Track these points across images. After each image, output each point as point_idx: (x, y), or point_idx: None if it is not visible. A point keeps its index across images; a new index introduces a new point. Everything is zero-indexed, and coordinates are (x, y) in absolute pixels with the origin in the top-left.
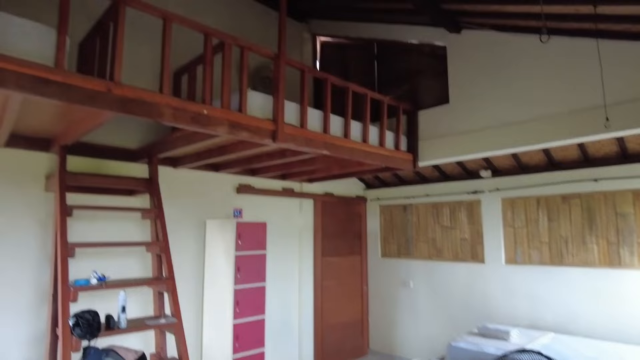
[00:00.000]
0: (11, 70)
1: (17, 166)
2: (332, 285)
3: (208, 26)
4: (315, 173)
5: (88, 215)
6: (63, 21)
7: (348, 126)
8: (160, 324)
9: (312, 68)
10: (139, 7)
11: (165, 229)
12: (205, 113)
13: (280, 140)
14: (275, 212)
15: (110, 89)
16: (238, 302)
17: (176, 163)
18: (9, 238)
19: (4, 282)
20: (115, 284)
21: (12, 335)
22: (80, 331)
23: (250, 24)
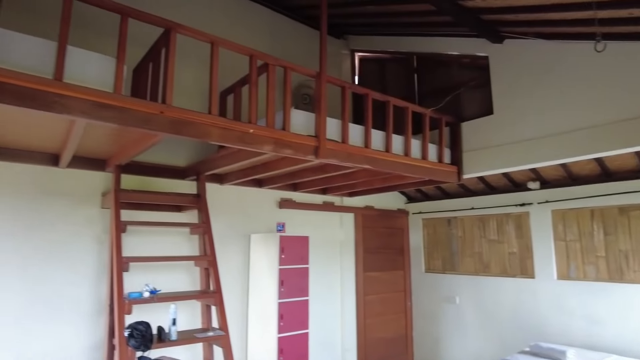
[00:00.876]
0: (75, 98)
1: (77, 185)
2: (374, 300)
3: (253, 49)
4: (356, 187)
5: (139, 231)
6: (121, 51)
7: (389, 140)
8: (209, 336)
9: (352, 84)
10: (189, 33)
11: (212, 244)
12: (251, 132)
13: (322, 156)
14: (316, 226)
15: (163, 112)
16: (282, 315)
17: (222, 180)
18: (70, 252)
19: (66, 294)
20: (166, 297)
21: (74, 343)
22: (135, 342)
23: (290, 41)
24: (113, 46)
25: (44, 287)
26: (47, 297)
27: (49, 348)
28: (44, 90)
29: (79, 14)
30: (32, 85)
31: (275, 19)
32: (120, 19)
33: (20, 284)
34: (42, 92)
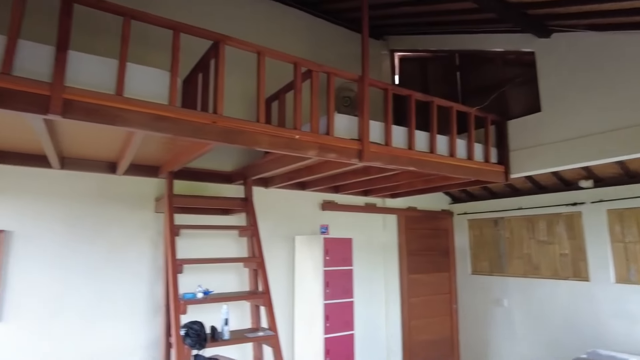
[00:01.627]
0: (135, 111)
1: (133, 191)
2: (419, 302)
3: (297, 56)
4: (398, 188)
5: (190, 233)
6: (175, 64)
7: (434, 141)
8: (259, 336)
9: (395, 86)
10: (237, 44)
11: (260, 246)
12: (297, 138)
13: (366, 159)
14: (358, 227)
15: (215, 121)
16: (328, 316)
17: (267, 183)
18: (127, 255)
19: (124, 294)
20: (218, 298)
21: (132, 340)
22: (191, 341)
23: (330, 45)
24: (160, 58)
25: (105, 287)
26: (108, 296)
27: (110, 344)
28: (107, 106)
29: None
30: (97, 102)
31: (315, 23)
32: (173, 34)
33: (84, 284)
34: (106, 107)
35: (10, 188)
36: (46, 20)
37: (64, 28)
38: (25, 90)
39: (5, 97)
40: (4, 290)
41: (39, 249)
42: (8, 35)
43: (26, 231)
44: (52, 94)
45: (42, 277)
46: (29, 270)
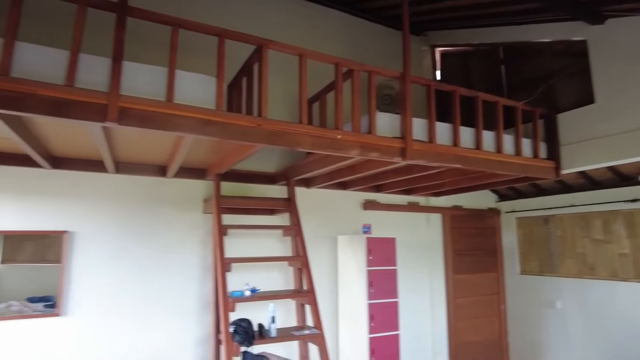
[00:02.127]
0: (184, 116)
1: (182, 193)
2: (465, 303)
3: (338, 57)
4: (442, 187)
5: (235, 233)
6: (220, 70)
7: (480, 137)
8: (305, 334)
9: (438, 82)
10: (279, 48)
11: (304, 245)
12: (339, 138)
13: (409, 158)
14: (401, 227)
15: (260, 124)
16: (372, 316)
17: (309, 183)
18: (178, 255)
19: (175, 292)
20: (265, 296)
21: (182, 337)
22: (240, 338)
23: (369, 43)
24: (200, 64)
25: (157, 285)
26: (160, 294)
27: (161, 340)
28: (159, 112)
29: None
30: (149, 108)
31: (353, 22)
32: (218, 40)
33: (137, 283)
34: (158, 113)
35: (73, 192)
36: (98, 33)
37: (119, 40)
38: (86, 100)
39: (69, 108)
40: (68, 287)
41: (97, 249)
42: (71, 50)
43: (86, 232)
44: (109, 102)
45: (100, 275)
46: (89, 269)
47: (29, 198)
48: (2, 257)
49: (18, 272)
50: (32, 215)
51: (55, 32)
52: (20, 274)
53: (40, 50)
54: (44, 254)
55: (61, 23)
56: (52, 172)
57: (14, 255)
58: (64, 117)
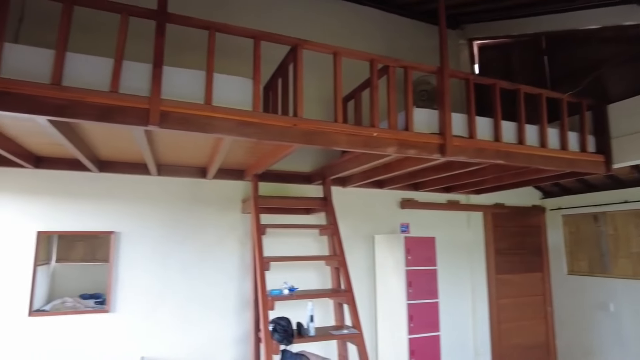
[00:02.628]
0: (222, 118)
1: (221, 194)
2: (509, 304)
3: (372, 54)
4: (484, 184)
5: (274, 233)
6: (256, 72)
7: (522, 131)
8: (344, 334)
9: (477, 76)
10: (314, 47)
11: (341, 244)
12: (375, 135)
13: (449, 154)
14: (441, 226)
15: (296, 124)
16: (412, 317)
17: (344, 182)
18: (218, 254)
19: (216, 291)
20: (303, 295)
21: (224, 334)
22: (279, 336)
23: (403, 39)
24: (234, 66)
25: (198, 283)
26: (201, 293)
27: (204, 337)
28: (198, 115)
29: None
30: (189, 111)
31: (387, 19)
32: (254, 42)
33: (182, 283)
34: (197, 116)
35: (119, 194)
36: (133, 40)
37: (159, 46)
38: (129, 105)
39: (114, 113)
40: (116, 285)
41: (142, 249)
42: (115, 58)
43: (132, 232)
44: (150, 107)
45: (145, 273)
46: (134, 268)
47: (79, 200)
48: (56, 256)
49: (71, 270)
50: (82, 216)
51: (96, 41)
52: (73, 272)
53: (87, 59)
54: (94, 254)
55: (102, 32)
56: (99, 175)
57: (67, 255)
58: (110, 122)
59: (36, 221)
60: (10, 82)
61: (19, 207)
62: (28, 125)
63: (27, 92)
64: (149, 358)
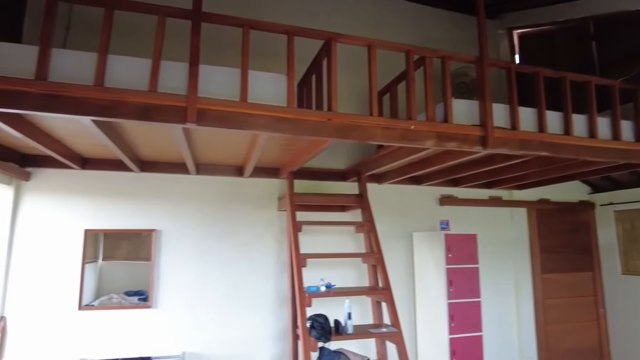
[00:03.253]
0: (258, 115)
1: (258, 192)
2: (556, 305)
3: (408, 45)
4: (527, 178)
5: (310, 231)
6: (290, 68)
7: (569, 121)
8: (382, 332)
9: (519, 65)
10: (348, 40)
11: (378, 241)
12: (413, 128)
13: (491, 146)
14: (482, 223)
15: (330, 119)
16: (453, 316)
17: (380, 179)
18: (255, 252)
19: (253, 288)
20: (340, 292)
21: (262, 331)
22: (316, 333)
23: (438, 31)
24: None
25: (236, 280)
26: (239, 290)
27: (242, 334)
28: (234, 112)
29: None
30: (225, 109)
31: (422, 11)
32: (287, 38)
33: (221, 280)
34: (233, 113)
35: (159, 193)
36: (169, 40)
37: (195, 45)
38: (168, 104)
39: (153, 112)
40: (158, 282)
41: (182, 246)
42: (152, 58)
43: (172, 230)
44: (188, 105)
45: (185, 271)
46: (175, 265)
47: (122, 200)
48: (103, 255)
49: (116, 268)
50: (125, 215)
51: (135, 44)
52: (118, 270)
53: (127, 60)
54: (137, 252)
55: (140, 35)
56: (141, 175)
57: (112, 253)
58: (149, 121)
59: (83, 220)
60: (58, 85)
61: (68, 207)
62: (74, 127)
63: (73, 95)
64: (190, 353)
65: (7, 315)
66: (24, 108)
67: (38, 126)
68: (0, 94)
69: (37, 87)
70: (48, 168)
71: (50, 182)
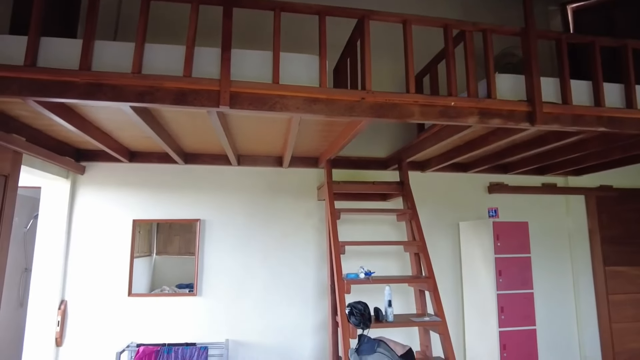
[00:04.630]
0: (291, 96)
1: (298, 182)
2: (623, 301)
3: (446, 18)
4: (585, 161)
5: (351, 220)
6: (322, 47)
7: (632, 92)
8: (425, 321)
9: (571, 34)
10: (382, 17)
11: (420, 229)
12: (453, 105)
13: (539, 122)
14: (535, 212)
15: (364, 98)
16: (502, 308)
17: (424, 167)
18: (296, 241)
19: (294, 278)
20: (380, 279)
21: (302, 322)
22: (355, 320)
23: (485, 11)
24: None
25: (278, 270)
26: (281, 280)
27: (284, 323)
28: (266, 94)
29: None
30: (257, 91)
31: None
32: (319, 18)
33: (262, 270)
34: (266, 95)
35: (203, 184)
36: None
37: (227, 30)
38: (202, 88)
39: (187, 96)
40: (202, 270)
41: (225, 236)
42: (186, 44)
43: (215, 220)
44: (221, 88)
45: (228, 260)
46: (219, 254)
47: (167, 191)
48: (156, 250)
49: (169, 262)
50: (170, 205)
51: (172, 38)
52: (171, 264)
53: (163, 48)
54: (188, 247)
55: (170, 22)
56: (185, 167)
57: (165, 249)
58: (185, 105)
59: (132, 210)
60: (99, 74)
61: (118, 198)
62: (119, 119)
63: (112, 82)
64: (233, 340)
65: (68, 299)
66: (70, 97)
67: (87, 119)
68: (49, 84)
69: (80, 77)
70: (100, 162)
71: (102, 175)
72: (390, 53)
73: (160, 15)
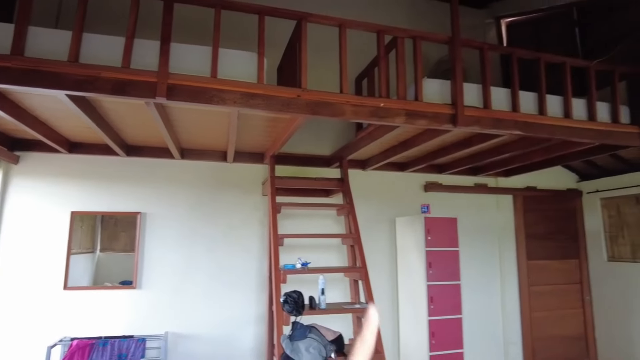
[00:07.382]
0: (228, 90)
1: (243, 177)
2: (542, 291)
3: (379, 24)
4: (512, 163)
5: (294, 215)
6: (261, 45)
7: (543, 101)
8: (355, 308)
9: (492, 45)
10: (320, 20)
11: (356, 223)
12: (382, 106)
13: (461, 124)
14: (468, 210)
15: (299, 95)
16: (432, 298)
17: (365, 165)
18: (241, 235)
19: (238, 271)
20: (316, 270)
21: (243, 313)
22: (289, 307)
23: (424, 22)
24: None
25: (222, 263)
26: (226, 272)
27: (226, 315)
28: (205, 87)
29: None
30: (195, 84)
31: (412, 1)
32: (258, 17)
33: (206, 262)
34: (203, 88)
35: (147, 177)
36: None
37: (167, 23)
38: (140, 79)
39: (125, 87)
40: (142, 263)
41: (167, 229)
42: (126, 36)
43: (157, 213)
44: (158, 80)
45: (170, 252)
46: (160, 247)
47: (108, 183)
48: (100, 246)
49: (113, 259)
50: (111, 198)
51: (107, 22)
52: (115, 261)
53: (101, 38)
54: (135, 244)
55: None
56: (127, 159)
57: (110, 245)
58: (123, 95)
59: (70, 202)
60: (35, 60)
61: (56, 189)
62: (56, 107)
63: (48, 69)
64: (173, 333)
65: None
66: (1, 82)
67: (22, 106)
68: None
69: (13, 62)
70: (37, 152)
71: (39, 165)
72: (333, 56)
73: (106, 6)
